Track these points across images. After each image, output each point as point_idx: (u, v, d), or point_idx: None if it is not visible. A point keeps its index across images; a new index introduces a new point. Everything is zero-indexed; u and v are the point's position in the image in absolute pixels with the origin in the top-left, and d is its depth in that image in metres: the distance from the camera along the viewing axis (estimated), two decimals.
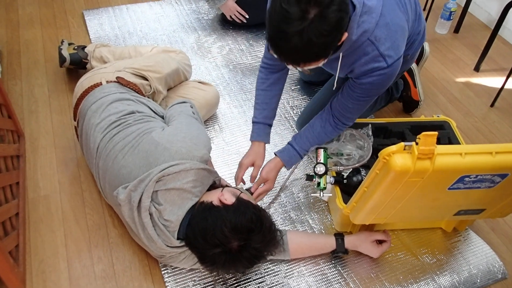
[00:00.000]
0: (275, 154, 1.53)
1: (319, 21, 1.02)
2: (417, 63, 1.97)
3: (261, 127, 1.53)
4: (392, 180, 1.08)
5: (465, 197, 1.23)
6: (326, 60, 1.17)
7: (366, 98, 1.39)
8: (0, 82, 1.63)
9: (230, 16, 2.32)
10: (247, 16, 2.30)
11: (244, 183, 1.56)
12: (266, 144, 1.56)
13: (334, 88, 1.41)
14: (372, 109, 1.90)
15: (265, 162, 1.54)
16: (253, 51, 2.27)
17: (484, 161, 1.07)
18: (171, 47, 2.03)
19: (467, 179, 1.12)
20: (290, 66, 1.18)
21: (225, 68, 2.17)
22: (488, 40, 2.21)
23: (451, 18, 2.47)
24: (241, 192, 1.33)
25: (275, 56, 1.14)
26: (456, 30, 2.53)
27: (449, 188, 1.16)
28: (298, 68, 1.18)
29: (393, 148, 1.04)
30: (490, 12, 2.59)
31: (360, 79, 1.32)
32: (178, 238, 1.26)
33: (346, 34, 1.14)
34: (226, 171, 1.70)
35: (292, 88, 2.09)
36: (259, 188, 1.52)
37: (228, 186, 1.40)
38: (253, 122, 1.55)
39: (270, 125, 1.55)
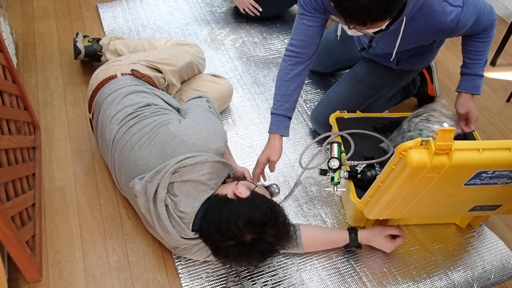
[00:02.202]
0: (457, 91, 1.54)
1: None
2: (430, 76, 1.95)
3: (281, 120, 1.49)
4: (408, 175, 1.08)
5: (481, 193, 1.22)
6: (390, 21, 1.15)
7: (481, 23, 1.37)
8: (16, 74, 1.65)
9: (244, 9, 2.31)
10: (260, 9, 2.29)
11: (264, 179, 1.56)
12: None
13: (392, 59, 1.42)
14: (387, 104, 1.89)
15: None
16: (266, 44, 2.27)
17: (502, 157, 1.06)
18: (185, 40, 2.04)
19: (484, 175, 1.11)
20: (351, 32, 1.17)
21: (239, 61, 2.17)
22: (505, 34, 2.18)
23: None
24: (256, 186, 1.34)
25: (340, 18, 1.12)
26: None
27: (465, 184, 1.15)
28: (361, 31, 1.16)
29: (409, 143, 1.04)
30: (507, 6, 2.54)
31: (456, 34, 1.33)
32: (192, 230, 1.27)
33: None
34: (239, 164, 1.70)
35: (306, 81, 2.08)
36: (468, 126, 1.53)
37: (243, 180, 1.40)
38: (272, 114, 1.50)
39: (290, 118, 1.51)
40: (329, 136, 1.59)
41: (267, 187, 1.49)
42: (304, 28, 1.41)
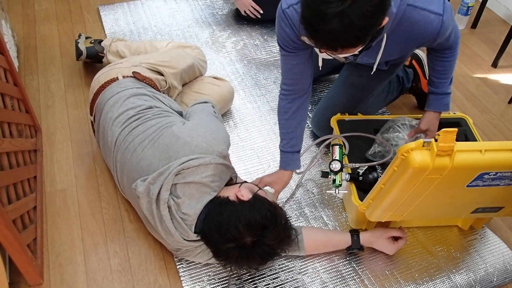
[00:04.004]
0: (428, 110, 1.53)
1: (361, 1, 0.95)
2: (422, 71, 1.95)
3: (289, 156, 1.49)
4: (410, 177, 1.07)
5: (484, 195, 1.22)
6: (365, 46, 1.13)
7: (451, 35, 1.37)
8: (18, 77, 1.65)
9: (245, 11, 2.31)
10: (261, 11, 2.29)
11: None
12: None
13: (372, 73, 1.37)
14: (384, 100, 1.89)
15: None
16: (267, 46, 2.27)
17: (504, 158, 1.05)
18: (187, 42, 2.04)
19: (486, 176, 1.11)
20: (322, 55, 1.14)
21: (240, 63, 2.16)
22: (506, 35, 2.18)
23: (469, 13, 2.43)
24: (259, 188, 1.33)
25: (310, 40, 1.07)
26: (474, 25, 2.49)
27: (467, 185, 1.15)
28: (333, 56, 1.13)
29: (411, 144, 1.03)
30: (508, 7, 2.54)
31: (436, 42, 1.31)
32: (195, 232, 1.26)
33: (386, 19, 1.08)
34: (240, 167, 1.70)
35: None
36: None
37: (246, 182, 1.40)
38: (280, 151, 1.50)
39: (299, 151, 1.51)
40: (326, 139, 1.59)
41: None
42: (290, 67, 1.37)
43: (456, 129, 0.98)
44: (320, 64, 1.32)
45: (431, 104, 1.53)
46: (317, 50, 1.17)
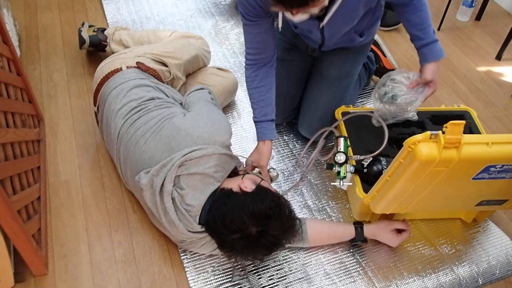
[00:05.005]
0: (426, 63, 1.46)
1: None
2: (380, 50, 1.97)
3: (264, 125, 1.48)
4: (416, 169, 1.07)
5: (489, 187, 1.22)
6: None
7: None
8: (21, 66, 1.64)
9: None
10: None
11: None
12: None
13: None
14: (360, 87, 1.91)
15: None
16: None
17: (511, 151, 1.05)
18: (190, 32, 2.02)
19: (492, 169, 1.11)
20: (297, 18, 1.09)
21: (243, 56, 2.13)
22: (511, 28, 2.16)
23: (473, 5, 2.41)
24: (262, 179, 1.33)
25: (279, 7, 1.04)
26: (478, 17, 2.48)
27: (473, 178, 1.15)
28: (306, 12, 1.07)
29: (418, 137, 1.03)
30: None
31: None
32: (199, 223, 1.27)
33: None
34: (244, 157, 1.69)
35: None
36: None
37: (249, 173, 1.40)
38: (254, 122, 1.50)
39: (273, 120, 1.50)
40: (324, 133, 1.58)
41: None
42: (253, 37, 1.37)
43: (464, 122, 0.98)
44: (280, 25, 1.24)
45: (428, 55, 1.46)
46: (289, 16, 1.12)
